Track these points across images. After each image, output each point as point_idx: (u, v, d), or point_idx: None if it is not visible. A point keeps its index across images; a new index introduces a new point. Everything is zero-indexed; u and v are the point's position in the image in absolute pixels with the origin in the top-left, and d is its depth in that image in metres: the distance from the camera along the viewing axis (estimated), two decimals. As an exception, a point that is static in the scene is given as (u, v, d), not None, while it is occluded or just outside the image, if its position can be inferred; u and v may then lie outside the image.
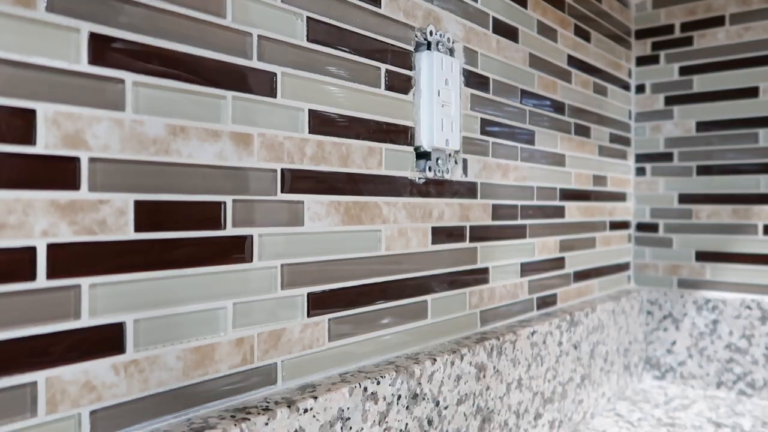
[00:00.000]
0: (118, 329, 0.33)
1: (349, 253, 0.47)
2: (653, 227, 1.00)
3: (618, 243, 0.96)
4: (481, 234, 0.63)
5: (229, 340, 0.39)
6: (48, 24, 0.30)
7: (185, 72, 0.36)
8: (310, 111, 0.44)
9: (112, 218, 0.33)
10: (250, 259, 0.40)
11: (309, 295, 0.44)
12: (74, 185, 0.31)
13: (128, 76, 0.34)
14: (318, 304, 0.45)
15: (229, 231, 0.39)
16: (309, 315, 0.44)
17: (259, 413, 0.37)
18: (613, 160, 0.94)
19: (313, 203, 0.44)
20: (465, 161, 0.60)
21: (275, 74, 0.42)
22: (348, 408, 0.43)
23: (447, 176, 0.57)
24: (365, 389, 0.45)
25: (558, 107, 0.78)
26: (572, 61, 0.81)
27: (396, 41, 0.52)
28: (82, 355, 0.32)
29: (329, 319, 0.46)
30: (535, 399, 0.67)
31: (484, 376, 0.58)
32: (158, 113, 0.35)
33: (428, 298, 0.56)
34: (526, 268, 0.71)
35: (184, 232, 0.36)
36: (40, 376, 0.30)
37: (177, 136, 0.36)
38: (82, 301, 0.32)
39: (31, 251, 0.30)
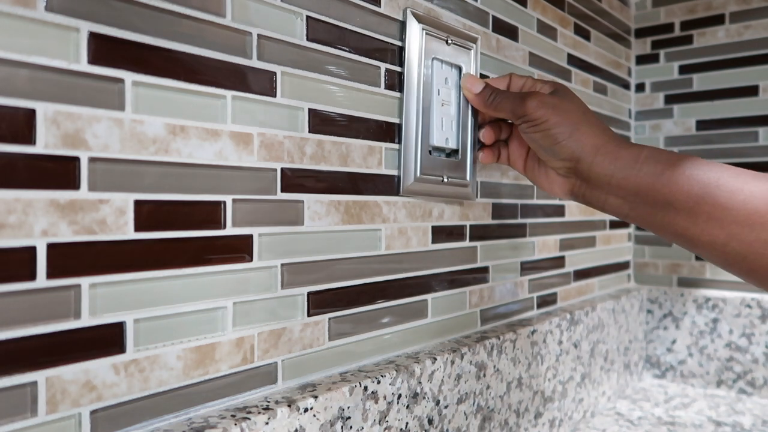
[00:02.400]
0: (118, 329, 0.33)
1: (350, 252, 0.47)
2: (653, 226, 1.00)
3: (618, 242, 0.96)
4: (481, 233, 0.63)
5: (230, 340, 0.39)
6: (47, 23, 0.30)
7: (185, 71, 0.36)
8: (310, 110, 0.44)
9: (112, 218, 0.33)
10: (250, 259, 0.40)
11: (309, 294, 0.44)
12: (74, 185, 0.31)
13: (128, 76, 0.33)
14: (318, 303, 0.45)
15: (229, 230, 0.39)
16: (309, 314, 0.44)
17: (259, 412, 0.37)
18: (613, 159, 0.94)
19: (313, 202, 0.44)
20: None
21: (275, 73, 0.41)
22: (348, 407, 0.43)
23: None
24: (365, 388, 0.45)
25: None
26: (572, 59, 0.81)
27: (396, 40, 0.52)
28: (83, 354, 0.32)
29: (329, 319, 0.46)
30: (536, 398, 0.67)
31: (484, 375, 0.58)
32: (158, 113, 0.35)
33: (428, 297, 0.56)
34: (526, 267, 0.71)
35: (184, 231, 0.36)
36: (40, 376, 0.30)
37: (177, 135, 0.36)
38: (82, 300, 0.32)
39: (31, 251, 0.30)
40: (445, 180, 0.56)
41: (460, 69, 0.57)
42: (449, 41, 0.55)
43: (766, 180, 0.43)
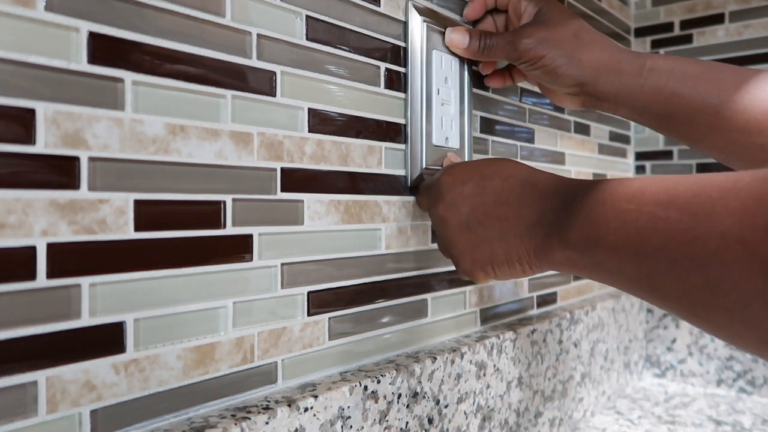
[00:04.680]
0: (118, 328, 0.33)
1: (349, 251, 0.47)
2: (653, 225, 1.00)
3: (618, 241, 0.96)
4: (481, 232, 0.63)
5: (230, 339, 0.39)
6: (47, 23, 0.30)
7: (184, 71, 0.36)
8: (310, 110, 0.44)
9: (112, 217, 0.33)
10: (250, 258, 0.40)
11: (309, 293, 0.44)
12: (74, 185, 0.31)
13: (128, 75, 0.33)
14: (318, 302, 0.45)
15: (229, 230, 0.39)
16: (309, 314, 0.44)
17: (259, 412, 0.37)
18: (613, 159, 0.94)
19: (312, 202, 0.44)
20: (465, 160, 0.60)
21: (275, 73, 0.41)
22: (348, 407, 0.43)
23: (447, 175, 0.57)
24: (365, 388, 0.45)
25: (558, 105, 0.78)
26: (572, 59, 0.81)
27: (395, 40, 0.52)
28: (82, 354, 0.32)
29: (329, 318, 0.46)
30: (536, 397, 0.67)
31: (484, 375, 0.58)
32: (157, 112, 0.35)
33: (428, 296, 0.56)
34: (526, 267, 0.71)
35: (183, 231, 0.36)
36: (40, 376, 0.30)
37: (176, 135, 0.36)
38: (82, 300, 0.32)
39: (31, 251, 0.30)
40: None
41: (459, 60, 0.57)
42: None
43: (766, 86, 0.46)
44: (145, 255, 0.34)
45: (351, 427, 0.43)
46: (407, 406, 0.48)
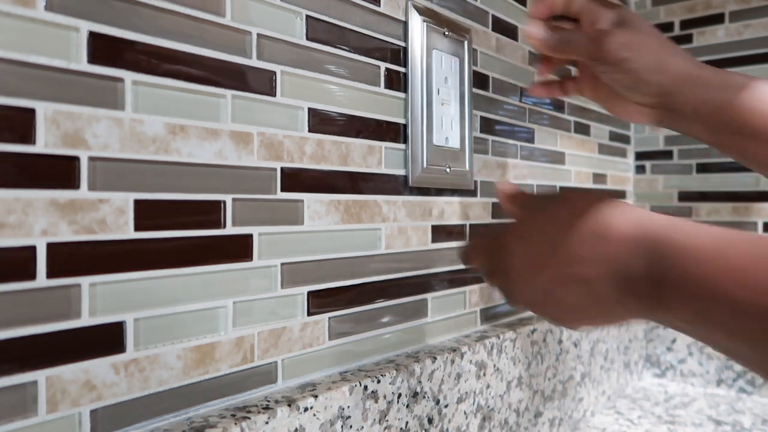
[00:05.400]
0: (118, 328, 0.33)
1: (349, 251, 0.47)
2: (653, 225, 1.00)
3: (618, 241, 0.96)
4: (481, 232, 0.63)
5: (230, 339, 0.39)
6: (47, 23, 0.30)
7: (184, 71, 0.36)
8: (310, 110, 0.44)
9: (112, 217, 0.33)
10: (250, 258, 0.40)
11: (309, 293, 0.44)
12: (74, 184, 0.31)
13: (128, 75, 0.33)
14: (318, 302, 0.45)
15: (229, 230, 0.39)
16: (309, 314, 0.44)
17: (259, 412, 0.37)
18: (613, 158, 0.94)
19: (312, 202, 0.44)
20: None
21: (275, 73, 0.41)
22: (348, 407, 0.43)
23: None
24: (365, 388, 0.45)
25: (558, 105, 0.78)
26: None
27: (395, 39, 0.52)
28: (82, 354, 0.32)
29: (329, 318, 0.46)
30: (535, 397, 0.67)
31: (484, 375, 0.58)
32: (158, 112, 0.35)
33: (428, 296, 0.56)
34: (526, 267, 0.71)
35: (184, 231, 0.36)
36: (40, 376, 0.30)
37: (176, 135, 0.36)
38: (82, 300, 0.32)
39: (31, 250, 0.30)
40: (448, 171, 0.56)
41: (459, 60, 0.57)
42: (446, 33, 0.55)
43: None
44: (145, 255, 0.34)
45: (351, 426, 0.43)
46: (407, 406, 0.48)
